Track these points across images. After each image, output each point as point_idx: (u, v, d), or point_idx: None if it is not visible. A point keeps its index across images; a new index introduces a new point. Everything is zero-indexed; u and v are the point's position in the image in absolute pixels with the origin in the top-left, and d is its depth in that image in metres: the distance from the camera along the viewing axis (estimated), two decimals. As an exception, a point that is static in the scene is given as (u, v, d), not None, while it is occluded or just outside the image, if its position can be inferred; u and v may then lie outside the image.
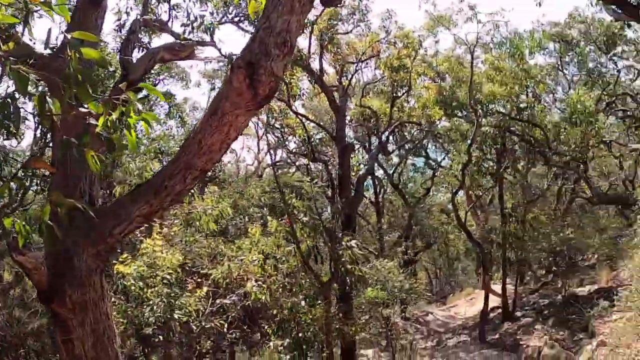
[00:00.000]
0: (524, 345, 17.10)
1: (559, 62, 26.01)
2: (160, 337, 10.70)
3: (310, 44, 19.08)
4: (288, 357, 12.11)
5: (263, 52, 3.59)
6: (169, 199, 4.50)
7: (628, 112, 26.89)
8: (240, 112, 3.85)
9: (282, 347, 11.61)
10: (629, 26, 21.28)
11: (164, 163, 13.92)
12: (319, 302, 12.03)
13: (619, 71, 25.98)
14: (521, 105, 21.55)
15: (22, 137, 19.75)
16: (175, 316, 9.73)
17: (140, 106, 3.34)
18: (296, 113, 19.01)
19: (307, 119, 22.06)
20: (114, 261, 9.92)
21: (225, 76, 4.06)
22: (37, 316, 13.50)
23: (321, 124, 24.69)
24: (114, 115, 3.30)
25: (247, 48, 3.70)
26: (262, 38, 3.63)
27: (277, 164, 30.73)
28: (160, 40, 14.23)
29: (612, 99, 25.58)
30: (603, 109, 23.68)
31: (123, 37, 11.21)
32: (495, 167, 22.54)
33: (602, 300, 14.52)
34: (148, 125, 3.51)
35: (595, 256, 21.64)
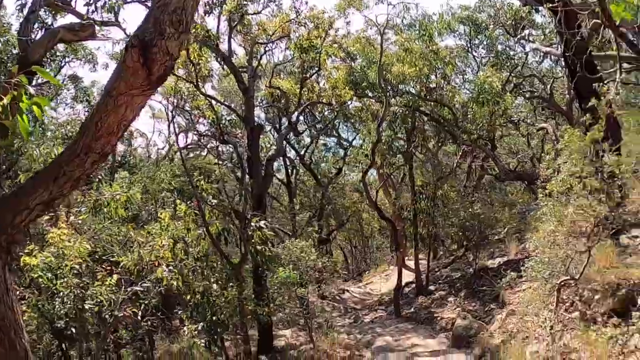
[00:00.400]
0: (438, 318, 17.53)
1: (469, 45, 26.62)
2: (73, 330, 10.42)
3: (219, 24, 18.78)
4: (203, 341, 12.04)
5: (157, 31, 3.47)
6: (69, 185, 4.34)
7: (535, 93, 27.87)
8: (136, 92, 3.73)
9: (196, 332, 11.51)
10: (537, 11, 22.03)
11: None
12: (231, 284, 11.95)
13: (526, 54, 26.90)
14: (430, 86, 21.93)
15: None
16: (87, 306, 9.48)
17: (32, 90, 3.20)
18: (205, 95, 18.68)
19: (216, 100, 21.75)
20: (21, 253, 9.58)
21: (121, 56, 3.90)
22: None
23: (231, 105, 24.44)
24: (5, 100, 3.15)
25: (142, 26, 3.58)
26: (156, 16, 3.51)
27: (188, 147, 30.33)
28: (65, 20, 13.70)
29: (519, 80, 26.42)
30: (511, 89, 24.40)
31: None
32: (405, 146, 22.90)
33: (510, 272, 15.02)
34: (40, 110, 3.36)
35: (505, 230, 22.31)
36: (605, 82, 11.35)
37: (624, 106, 29.44)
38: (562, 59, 14.70)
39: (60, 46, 20.05)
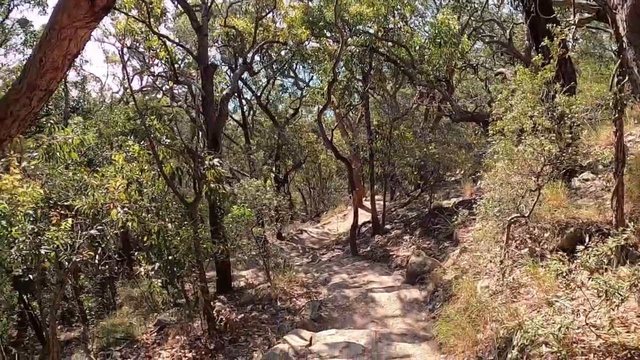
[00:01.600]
0: (394, 256, 17.82)
1: (429, -14, 26.47)
2: (31, 277, 10.37)
3: (173, -38, 18.30)
4: (160, 281, 12.06)
5: (100, -39, 3.39)
6: (16, 125, 4.25)
7: (494, 38, 27.91)
8: (79, 24, 3.65)
9: (152, 272, 11.51)
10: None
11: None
12: (186, 223, 11.96)
13: (486, -2, 26.77)
14: (388, 27, 21.76)
15: None
16: (42, 252, 9.39)
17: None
18: (158, 34, 18.21)
19: (170, 40, 21.32)
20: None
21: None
22: None
23: (186, 45, 24.05)
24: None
25: (84, -43, 3.45)
26: (99, -54, 3.41)
27: (143, 89, 29.87)
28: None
29: (479, 24, 26.40)
30: (470, 33, 24.37)
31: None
32: (362, 86, 22.85)
33: (463, 209, 15.30)
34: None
35: (462, 171, 22.59)
36: (563, 26, 11.40)
37: (582, 56, 29.83)
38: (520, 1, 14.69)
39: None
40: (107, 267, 12.83)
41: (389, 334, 11.04)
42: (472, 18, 24.78)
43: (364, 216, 24.24)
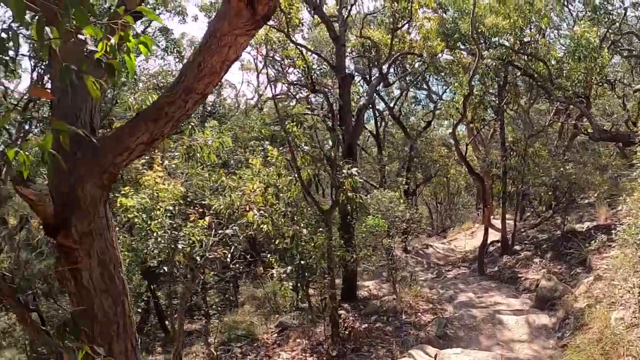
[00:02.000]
0: (522, 278, 17.32)
1: (565, -2, 25.43)
2: (165, 269, 10.85)
3: (309, -27, 18.69)
4: (291, 283, 12.35)
5: (262, -29, 3.52)
6: (170, 126, 4.49)
7: (633, 52, 26.47)
8: (240, 32, 3.82)
9: (284, 275, 11.81)
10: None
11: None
12: (321, 230, 12.15)
13: (625, 9, 25.38)
14: (524, 39, 21.18)
15: (18, 76, 19.80)
16: (179, 246, 9.83)
17: (138, 29, 3.30)
18: (295, 43, 18.71)
19: (307, 49, 21.75)
20: (116, 194, 10.01)
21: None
22: (43, 257, 13.56)
23: (321, 55, 24.50)
24: (113, 40, 3.27)
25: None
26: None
27: (278, 96, 30.68)
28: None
29: (617, 37, 25.13)
30: (608, 47, 23.26)
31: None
32: (496, 101, 22.33)
33: (600, 234, 14.64)
34: (147, 49, 3.47)
35: (596, 194, 21.65)
36: None
37: None
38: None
39: (151, -1, 20.52)
40: (236, 266, 13.26)
41: (515, 359, 10.75)
42: (609, 30, 23.58)
43: (493, 235, 23.68)
